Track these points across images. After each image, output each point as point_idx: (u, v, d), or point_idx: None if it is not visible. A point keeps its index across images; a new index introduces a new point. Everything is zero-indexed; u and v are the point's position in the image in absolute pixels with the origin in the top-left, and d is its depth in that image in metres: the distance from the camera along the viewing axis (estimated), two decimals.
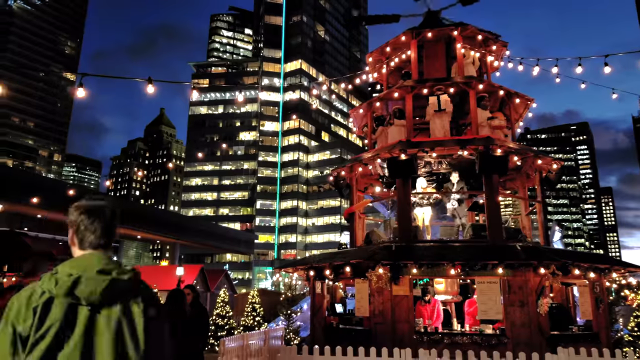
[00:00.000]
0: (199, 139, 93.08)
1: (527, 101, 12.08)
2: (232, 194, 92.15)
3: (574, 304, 10.87)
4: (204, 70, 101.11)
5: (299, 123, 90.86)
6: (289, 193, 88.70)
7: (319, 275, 10.61)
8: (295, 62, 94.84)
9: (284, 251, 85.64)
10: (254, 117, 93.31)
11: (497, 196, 10.26)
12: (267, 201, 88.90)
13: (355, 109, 13.53)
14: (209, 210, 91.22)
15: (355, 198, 12.36)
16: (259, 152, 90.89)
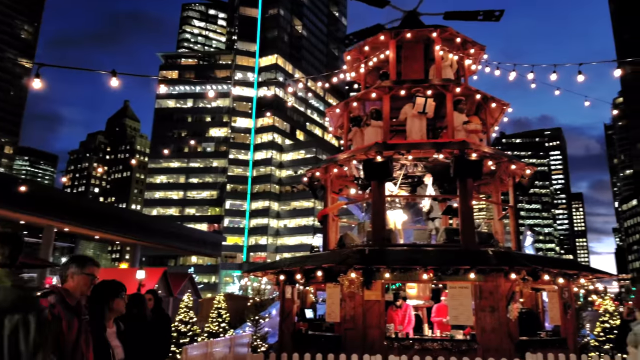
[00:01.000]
0: (166, 133, 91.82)
1: (502, 106, 12.58)
2: (200, 193, 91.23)
3: (543, 309, 11.38)
4: (173, 62, 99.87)
5: (273, 120, 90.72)
6: (260, 193, 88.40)
7: (289, 279, 10.77)
8: (271, 57, 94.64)
9: (254, 254, 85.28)
10: (225, 113, 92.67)
11: (470, 200, 10.67)
12: (237, 201, 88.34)
13: (332, 108, 13.79)
14: (174, 209, 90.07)
15: (330, 200, 12.60)
16: (229, 149, 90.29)
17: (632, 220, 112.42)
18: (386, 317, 10.00)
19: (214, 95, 12.09)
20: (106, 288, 3.91)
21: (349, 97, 13.39)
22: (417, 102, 11.44)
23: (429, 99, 11.39)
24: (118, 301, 4.00)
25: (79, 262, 3.45)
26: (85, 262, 3.45)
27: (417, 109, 11.48)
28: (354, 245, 11.03)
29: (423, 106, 11.39)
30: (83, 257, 3.53)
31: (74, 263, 3.43)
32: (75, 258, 3.50)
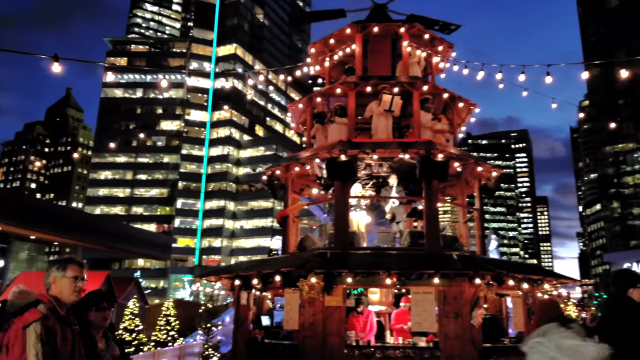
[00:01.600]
0: (112, 125, 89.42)
1: (470, 106, 12.92)
2: (149, 190, 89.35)
3: (507, 315, 11.77)
4: (122, 48, 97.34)
5: (231, 114, 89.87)
6: (215, 192, 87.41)
7: (245, 284, 10.71)
8: (230, 47, 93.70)
9: (207, 257, 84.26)
10: (178, 105, 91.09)
11: (436, 203, 10.91)
12: (190, 200, 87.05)
13: (295, 103, 13.80)
14: (120, 208, 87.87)
15: (290, 200, 12.60)
16: (182, 144, 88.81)
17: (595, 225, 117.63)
18: (347, 324, 10.09)
19: (166, 86, 11.96)
20: (84, 299, 3.71)
21: (313, 92, 13.43)
22: (383, 99, 11.60)
23: (396, 97, 11.57)
24: (95, 314, 3.79)
25: (60, 264, 3.28)
26: (66, 264, 3.27)
27: (384, 106, 11.63)
28: (315, 248, 11.08)
29: (390, 104, 11.55)
30: (65, 258, 3.34)
31: (55, 266, 3.26)
32: (57, 260, 3.31)
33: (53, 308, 3.09)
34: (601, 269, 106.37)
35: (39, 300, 3.11)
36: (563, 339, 3.56)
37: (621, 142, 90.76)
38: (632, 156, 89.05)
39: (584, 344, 3.54)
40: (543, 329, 3.76)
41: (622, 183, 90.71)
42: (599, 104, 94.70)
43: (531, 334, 3.83)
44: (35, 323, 2.98)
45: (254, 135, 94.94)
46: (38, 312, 3.02)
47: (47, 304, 3.10)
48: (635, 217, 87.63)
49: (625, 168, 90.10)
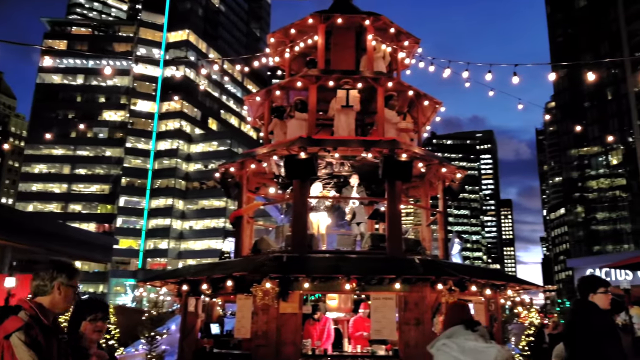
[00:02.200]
0: (49, 114, 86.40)
1: (435, 104, 13.22)
2: (88, 186, 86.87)
3: None
4: (62, 30, 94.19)
5: (182, 105, 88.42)
6: (162, 189, 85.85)
7: (193, 290, 10.62)
8: (182, 32, 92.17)
9: (152, 260, 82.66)
10: (123, 94, 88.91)
11: (399, 204, 11.11)
12: (134, 198, 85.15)
13: (252, 96, 13.76)
14: (56, 205, 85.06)
15: (245, 199, 12.56)
16: (127, 136, 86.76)
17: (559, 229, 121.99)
18: (303, 332, 10.14)
19: (110, 72, 11.55)
20: (76, 307, 3.58)
21: (272, 85, 13.43)
22: (338, 95, 11.74)
23: (352, 91, 11.71)
24: (89, 325, 3.63)
25: (69, 270, 3.10)
26: (74, 271, 3.12)
27: (340, 102, 11.76)
28: (271, 251, 11.10)
29: (346, 99, 11.69)
30: (69, 263, 3.16)
31: (64, 272, 3.06)
32: (62, 265, 3.11)
33: (36, 316, 2.92)
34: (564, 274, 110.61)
35: (19, 307, 2.95)
36: (467, 341, 3.78)
37: (586, 146, 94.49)
38: (597, 160, 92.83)
39: (487, 345, 3.78)
40: (450, 331, 3.98)
41: (587, 187, 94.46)
42: (565, 106, 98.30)
43: (438, 336, 4.04)
44: (18, 332, 2.81)
45: (207, 129, 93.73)
46: (19, 319, 2.85)
47: (28, 311, 2.93)
48: (598, 222, 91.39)
49: (590, 172, 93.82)
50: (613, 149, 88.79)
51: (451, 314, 4.29)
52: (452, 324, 4.06)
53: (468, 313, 4.29)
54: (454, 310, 4.37)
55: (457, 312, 4.28)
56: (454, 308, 4.46)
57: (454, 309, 4.40)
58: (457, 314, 4.20)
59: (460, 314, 4.18)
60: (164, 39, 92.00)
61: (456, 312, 4.29)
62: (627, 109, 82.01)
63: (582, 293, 4.49)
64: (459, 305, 4.58)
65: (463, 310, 4.33)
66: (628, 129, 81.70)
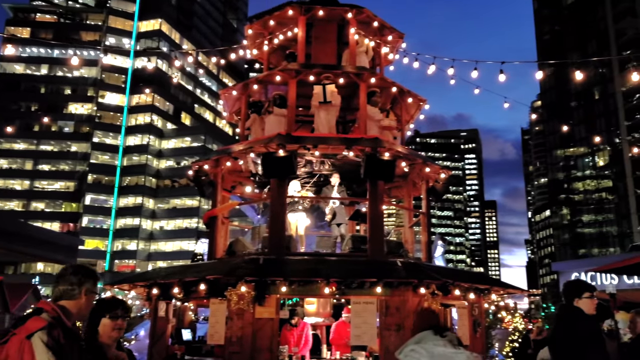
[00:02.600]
0: (10, 106, 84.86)
1: (419, 101, 13.31)
2: (52, 183, 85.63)
3: (451, 327, 12.22)
4: (26, 17, 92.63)
5: (153, 99, 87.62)
6: (132, 187, 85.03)
7: (164, 293, 10.55)
8: (154, 22, 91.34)
9: (120, 261, 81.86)
10: (91, 85, 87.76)
11: (381, 205, 11.17)
12: (101, 196, 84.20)
13: (228, 90, 13.70)
14: (17, 203, 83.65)
15: (220, 198, 12.50)
16: (94, 130, 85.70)
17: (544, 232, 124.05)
18: (280, 338, 10.14)
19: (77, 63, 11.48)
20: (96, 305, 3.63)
21: (249, 78, 13.39)
22: (314, 91, 11.76)
23: (329, 86, 11.74)
24: (105, 322, 3.69)
25: (95, 277, 3.23)
26: (98, 278, 3.26)
27: (317, 98, 11.79)
28: (247, 253, 11.07)
29: (323, 95, 11.71)
30: (94, 270, 3.28)
31: (91, 278, 3.19)
32: (89, 271, 3.22)
33: (58, 318, 2.99)
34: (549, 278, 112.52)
35: (41, 309, 3.03)
36: (435, 347, 3.84)
37: (572, 146, 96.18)
38: (583, 161, 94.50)
39: (456, 351, 3.84)
40: (418, 337, 4.04)
41: (572, 189, 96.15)
42: (551, 106, 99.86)
43: (407, 342, 4.10)
44: (41, 331, 2.88)
45: (180, 123, 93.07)
46: (42, 320, 2.93)
47: (50, 313, 3.00)
48: (584, 224, 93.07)
49: (576, 173, 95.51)
50: (600, 150, 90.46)
51: (420, 319, 4.36)
52: (421, 329, 4.12)
53: (437, 319, 4.35)
54: (423, 315, 4.45)
55: (426, 317, 4.35)
56: (423, 313, 4.54)
57: (423, 315, 4.48)
58: (426, 320, 4.26)
59: (429, 320, 4.24)
60: (135, 28, 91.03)
61: (425, 317, 4.36)
62: (614, 109, 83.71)
63: (567, 298, 4.57)
64: (428, 310, 4.65)
65: (432, 315, 4.40)
66: (615, 129, 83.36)
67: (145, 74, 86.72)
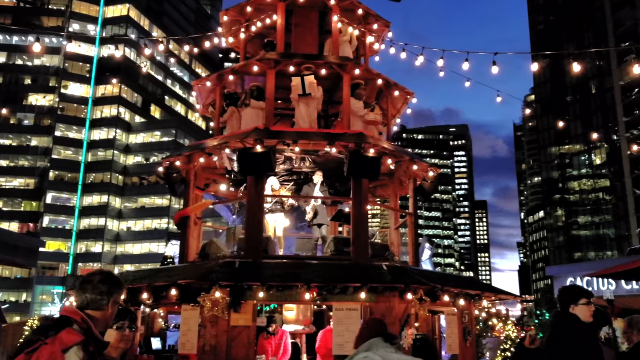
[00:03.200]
0: None
1: (406, 95, 13.38)
2: (11, 180, 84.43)
3: (440, 335, 12.32)
4: None
5: (120, 90, 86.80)
6: (97, 184, 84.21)
7: (132, 299, 10.49)
8: (121, 7, 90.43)
9: (83, 264, 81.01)
10: (53, 75, 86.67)
11: (365, 204, 11.21)
12: (64, 194, 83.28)
13: (201, 81, 13.63)
14: None
15: (192, 197, 12.47)
16: (56, 124, 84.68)
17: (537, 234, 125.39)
18: (256, 347, 10.13)
19: (38, 50, 11.28)
20: None
21: (224, 69, 13.33)
22: (292, 83, 11.75)
23: (308, 77, 11.72)
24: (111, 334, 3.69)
25: (122, 287, 3.21)
26: (123, 287, 3.25)
27: (296, 91, 11.78)
28: (221, 256, 11.04)
29: (301, 87, 11.70)
30: (120, 278, 3.25)
31: (120, 288, 3.17)
32: (118, 280, 3.19)
33: (88, 329, 2.92)
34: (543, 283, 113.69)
35: (69, 318, 2.94)
36: (390, 354, 3.92)
37: (568, 143, 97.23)
38: (579, 159, 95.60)
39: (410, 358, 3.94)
40: (368, 344, 4.11)
41: (568, 188, 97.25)
42: (545, 100, 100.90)
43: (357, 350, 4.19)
44: (77, 346, 2.82)
45: (148, 116, 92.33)
46: (77, 333, 2.85)
47: (80, 324, 2.92)
48: (580, 226, 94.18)
49: (571, 172, 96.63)
50: (596, 147, 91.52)
51: (369, 327, 4.44)
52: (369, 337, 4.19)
53: (386, 327, 4.46)
54: (373, 323, 4.54)
55: (376, 325, 4.44)
56: (373, 321, 4.65)
57: (373, 322, 4.58)
58: (376, 327, 4.35)
59: (377, 328, 4.33)
60: (101, 14, 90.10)
61: (375, 325, 4.45)
62: (612, 104, 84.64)
63: (563, 304, 4.61)
64: (376, 319, 4.79)
65: (381, 324, 4.50)
66: (613, 125, 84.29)
67: (111, 63, 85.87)
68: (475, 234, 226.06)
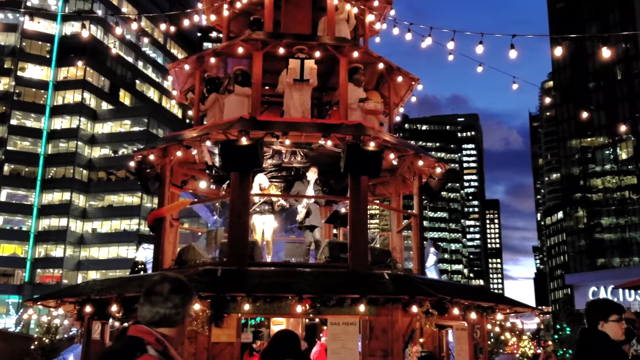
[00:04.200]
0: None
1: (411, 81, 13.37)
2: None
3: (448, 353, 12.33)
4: None
5: (85, 73, 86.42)
6: (58, 180, 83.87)
7: (99, 312, 10.47)
8: None
9: (43, 271, 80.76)
10: (8, 56, 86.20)
11: (365, 205, 11.20)
12: (20, 190, 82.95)
13: (179, 64, 13.57)
14: None
15: (168, 196, 12.42)
16: (12, 111, 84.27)
17: (555, 237, 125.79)
18: None
19: None
20: None
21: (204, 50, 13.29)
22: (290, 65, 11.72)
23: (308, 61, 11.71)
24: None
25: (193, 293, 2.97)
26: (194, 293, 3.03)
27: (292, 75, 11.73)
28: (201, 263, 11.01)
29: (300, 71, 11.68)
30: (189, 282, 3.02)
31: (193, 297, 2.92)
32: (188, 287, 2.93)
33: (164, 352, 2.69)
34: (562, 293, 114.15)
35: (143, 340, 2.70)
36: None
37: (590, 136, 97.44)
38: (603, 153, 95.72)
39: None
40: None
41: (590, 186, 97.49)
42: (565, 87, 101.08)
43: None
44: None
45: (117, 103, 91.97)
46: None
47: (154, 346, 2.69)
48: (603, 229, 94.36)
49: (594, 168, 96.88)
50: (622, 140, 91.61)
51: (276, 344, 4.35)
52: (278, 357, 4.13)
53: (299, 344, 4.37)
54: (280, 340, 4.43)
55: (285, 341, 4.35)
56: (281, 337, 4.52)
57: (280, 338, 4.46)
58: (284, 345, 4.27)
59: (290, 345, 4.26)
60: None
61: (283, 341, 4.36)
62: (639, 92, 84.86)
63: (591, 320, 4.60)
64: (286, 334, 4.65)
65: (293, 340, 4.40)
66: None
67: (75, 43, 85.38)
68: (485, 237, 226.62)
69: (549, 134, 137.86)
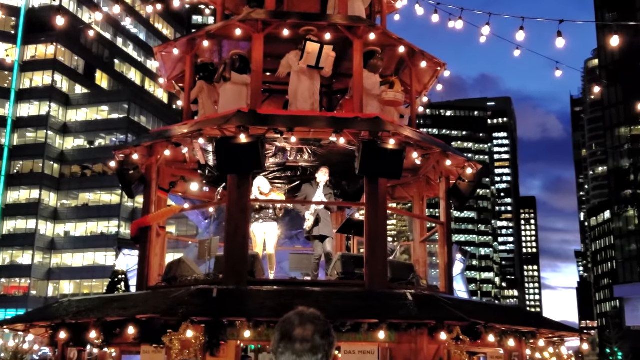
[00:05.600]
0: None
1: (436, 66, 13.29)
2: None
3: None
4: None
5: (56, 51, 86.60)
6: (25, 175, 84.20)
7: (75, 338, 10.48)
8: None
9: (7, 280, 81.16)
10: None
11: (384, 211, 11.16)
12: None
13: (166, 47, 13.52)
14: None
15: (154, 200, 12.40)
16: None
17: (602, 241, 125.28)
18: None
19: None
20: None
21: (196, 31, 13.23)
22: (307, 49, 11.63)
23: (327, 47, 11.65)
24: None
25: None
26: None
27: (307, 61, 11.66)
28: (193, 280, 10.99)
29: (317, 57, 11.61)
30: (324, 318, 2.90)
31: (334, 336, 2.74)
32: (328, 325, 2.81)
33: None
34: (609, 305, 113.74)
35: None
36: None
37: None
38: None
39: None
40: None
41: None
42: (613, 66, 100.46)
43: None
44: None
45: (93, 86, 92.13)
46: None
47: None
48: None
49: None
50: None
51: None
52: None
53: None
54: None
55: None
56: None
57: None
58: None
59: None
60: None
61: None
62: None
63: None
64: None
65: None
66: None
67: (45, 17, 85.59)
68: (520, 240, 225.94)
69: (594, 120, 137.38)
